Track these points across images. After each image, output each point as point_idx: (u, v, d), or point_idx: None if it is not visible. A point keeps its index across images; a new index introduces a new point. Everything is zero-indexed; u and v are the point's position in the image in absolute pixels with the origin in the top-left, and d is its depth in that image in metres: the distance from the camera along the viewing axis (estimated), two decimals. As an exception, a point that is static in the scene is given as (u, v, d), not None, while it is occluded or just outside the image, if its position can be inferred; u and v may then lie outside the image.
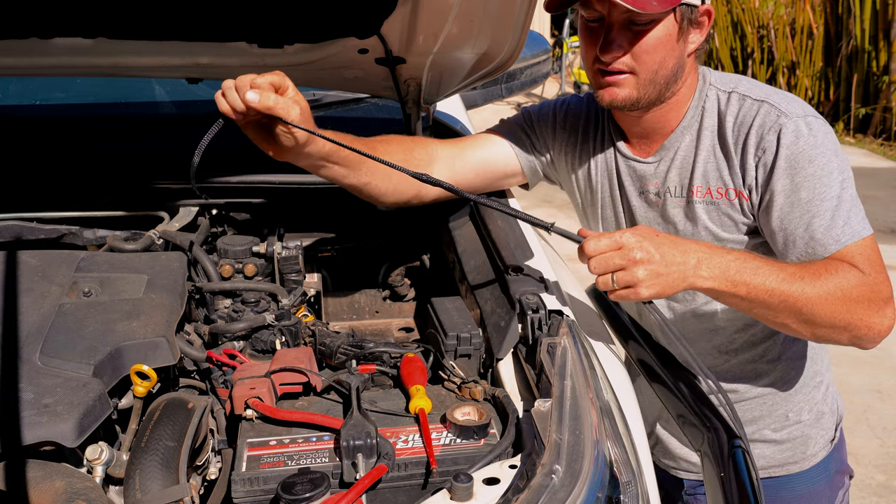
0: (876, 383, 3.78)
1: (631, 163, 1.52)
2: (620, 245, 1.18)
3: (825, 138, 1.35)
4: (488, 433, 1.16)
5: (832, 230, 1.32)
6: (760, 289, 1.23)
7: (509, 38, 1.66)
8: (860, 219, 1.34)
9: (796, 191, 1.33)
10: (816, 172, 1.33)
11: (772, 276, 1.24)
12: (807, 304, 1.25)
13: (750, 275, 1.23)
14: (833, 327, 1.28)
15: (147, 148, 2.06)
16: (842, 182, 1.33)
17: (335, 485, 1.07)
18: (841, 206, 1.32)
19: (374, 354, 1.38)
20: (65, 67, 1.89)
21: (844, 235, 1.32)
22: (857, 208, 1.34)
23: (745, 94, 1.41)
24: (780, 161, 1.34)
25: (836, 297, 1.26)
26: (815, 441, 1.61)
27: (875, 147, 8.36)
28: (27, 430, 1.01)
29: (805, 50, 9.50)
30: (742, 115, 1.39)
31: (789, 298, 1.24)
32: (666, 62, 1.36)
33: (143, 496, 1.01)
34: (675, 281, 1.20)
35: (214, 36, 1.74)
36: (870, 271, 1.30)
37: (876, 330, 1.29)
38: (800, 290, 1.24)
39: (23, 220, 1.75)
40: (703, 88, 1.45)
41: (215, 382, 1.36)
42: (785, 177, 1.34)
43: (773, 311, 1.27)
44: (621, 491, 1.05)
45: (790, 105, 1.37)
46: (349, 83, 2.06)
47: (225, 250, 1.67)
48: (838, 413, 1.68)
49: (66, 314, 1.28)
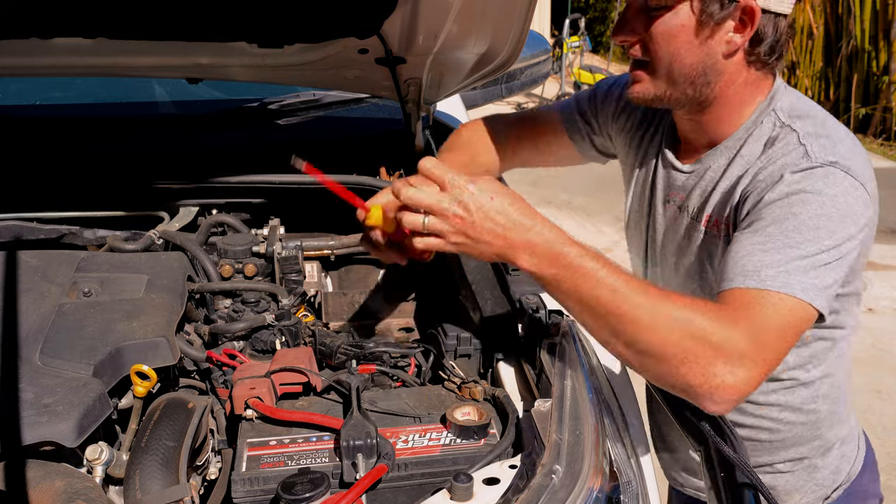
0: (876, 383, 3.78)
1: (668, 167, 1.42)
2: (449, 187, 1.05)
3: (841, 196, 1.13)
4: (488, 433, 1.16)
5: (764, 268, 1.09)
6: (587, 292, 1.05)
7: (509, 39, 1.65)
8: (810, 286, 1.08)
9: (770, 223, 1.14)
10: (804, 216, 1.12)
11: (608, 278, 1.04)
12: (634, 321, 1.04)
13: (580, 277, 1.04)
14: (661, 359, 1.04)
15: (147, 148, 2.06)
16: (825, 246, 1.10)
17: (335, 485, 1.07)
18: (802, 261, 1.09)
19: (374, 354, 1.38)
20: (65, 67, 1.89)
21: (773, 280, 1.07)
22: (821, 279, 1.09)
23: (798, 129, 1.21)
24: (776, 193, 1.16)
25: (675, 325, 1.03)
26: (801, 492, 1.47)
27: (875, 147, 8.36)
28: (27, 430, 1.01)
29: (805, 50, 9.50)
30: (775, 151, 1.22)
31: (619, 308, 1.04)
32: (681, 56, 1.23)
33: (143, 496, 1.01)
34: (485, 255, 1.08)
35: (214, 36, 1.74)
36: (745, 326, 1.04)
37: (715, 383, 1.01)
38: (633, 302, 1.03)
39: (23, 220, 1.75)
40: (764, 111, 1.27)
41: (215, 382, 1.36)
42: (771, 208, 1.15)
43: (596, 321, 1.07)
44: (621, 491, 1.05)
45: (827, 153, 1.17)
46: (349, 83, 2.06)
47: (225, 250, 1.67)
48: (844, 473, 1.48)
49: (66, 314, 1.28)
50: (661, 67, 1.26)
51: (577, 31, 10.02)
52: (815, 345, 1.35)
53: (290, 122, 2.25)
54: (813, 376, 1.37)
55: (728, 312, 1.07)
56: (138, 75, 2.07)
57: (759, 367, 1.03)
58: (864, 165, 1.20)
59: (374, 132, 2.24)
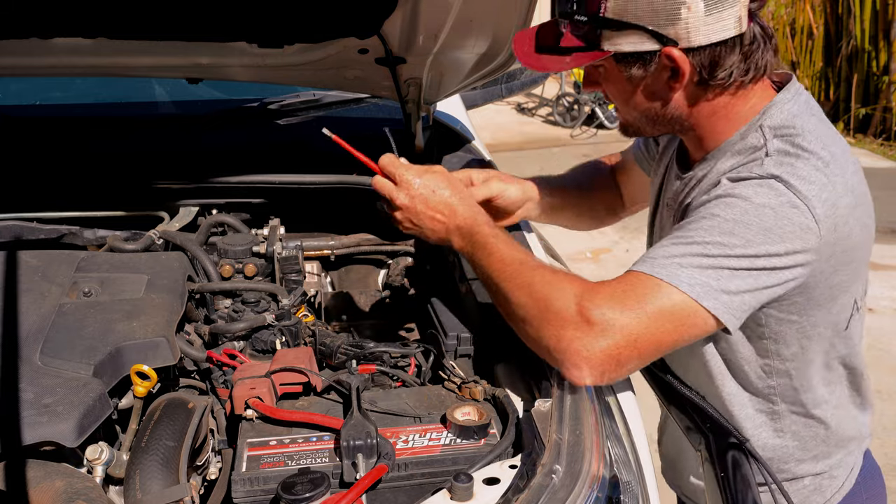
0: (876, 383, 3.77)
1: (672, 176, 1.39)
2: (399, 182, 1.29)
3: (769, 209, 1.08)
4: (488, 433, 1.16)
5: (661, 257, 1.10)
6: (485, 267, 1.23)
7: (509, 39, 1.65)
8: (699, 283, 1.06)
9: (690, 220, 1.13)
10: (720, 218, 1.09)
11: (499, 253, 1.21)
12: (513, 287, 1.17)
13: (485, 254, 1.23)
14: (526, 321, 1.15)
15: (147, 148, 2.06)
16: (735, 253, 1.07)
17: (335, 485, 1.07)
18: (701, 258, 1.07)
19: (374, 354, 1.38)
20: (65, 67, 1.89)
21: (662, 269, 1.08)
22: (720, 282, 1.07)
23: (771, 145, 1.16)
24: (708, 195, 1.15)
25: (544, 290, 1.12)
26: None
27: (875, 147, 8.36)
28: (27, 430, 1.01)
29: (805, 50, 9.50)
30: (741, 162, 1.19)
31: (503, 275, 1.19)
32: (634, 104, 1.22)
33: (144, 496, 1.01)
34: (431, 239, 1.31)
35: (214, 36, 1.74)
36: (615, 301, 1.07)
37: (564, 346, 1.08)
38: (513, 271, 1.18)
39: (23, 220, 1.75)
40: (752, 126, 1.20)
41: (215, 382, 1.36)
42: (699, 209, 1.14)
43: (489, 288, 1.24)
44: (621, 491, 1.05)
45: (778, 167, 1.12)
46: (349, 83, 2.06)
47: (225, 250, 1.67)
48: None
49: (67, 314, 1.28)
50: (623, 111, 1.28)
51: (576, 32, 9.96)
52: (775, 379, 1.27)
53: (290, 122, 2.25)
54: (779, 409, 1.30)
55: (605, 287, 1.11)
56: (138, 75, 2.07)
57: (616, 340, 1.07)
58: (826, 191, 1.10)
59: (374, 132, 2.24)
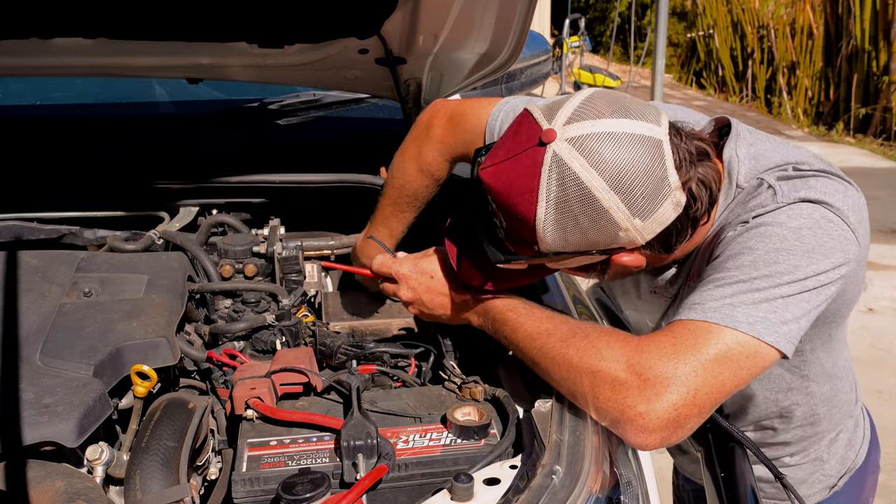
0: (876, 383, 3.78)
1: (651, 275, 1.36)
2: (398, 279, 1.34)
3: (807, 229, 1.07)
4: (489, 433, 1.16)
5: (710, 301, 1.05)
6: (513, 343, 1.19)
7: (509, 39, 1.66)
8: (758, 320, 1.02)
9: (726, 259, 1.09)
10: (760, 250, 1.06)
11: (523, 328, 1.16)
12: (544, 366, 1.12)
13: (509, 330, 1.19)
14: (576, 395, 1.09)
15: (147, 148, 2.06)
16: (783, 281, 1.04)
17: (335, 485, 1.07)
18: (752, 294, 1.03)
19: (374, 354, 1.38)
20: (65, 67, 1.90)
21: (715, 312, 1.03)
22: (777, 313, 1.03)
23: (765, 177, 1.15)
24: (737, 231, 1.12)
25: (584, 359, 1.06)
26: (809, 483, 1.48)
27: (875, 147, 8.36)
28: (27, 430, 1.01)
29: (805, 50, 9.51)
30: (748, 201, 1.16)
31: (529, 357, 1.15)
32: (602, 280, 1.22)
33: (144, 496, 1.01)
34: (443, 320, 1.33)
35: (214, 36, 1.74)
36: (671, 355, 1.00)
37: (630, 414, 1.00)
38: (538, 350, 1.13)
39: (23, 220, 1.75)
40: (729, 194, 1.18)
41: (216, 382, 1.36)
42: (731, 245, 1.11)
43: (527, 362, 1.18)
44: (621, 491, 1.05)
45: (797, 190, 1.11)
46: (349, 83, 2.06)
47: (225, 250, 1.67)
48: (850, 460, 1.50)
49: (67, 314, 1.28)
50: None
51: (577, 31, 10.02)
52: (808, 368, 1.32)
53: (290, 122, 2.25)
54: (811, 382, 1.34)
55: (653, 341, 1.04)
56: (138, 75, 2.07)
57: (682, 395, 0.98)
58: (847, 196, 1.11)
59: (374, 132, 2.24)
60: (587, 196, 1.01)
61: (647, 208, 1.03)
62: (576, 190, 1.01)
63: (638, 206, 1.02)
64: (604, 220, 1.03)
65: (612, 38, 9.82)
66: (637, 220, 1.03)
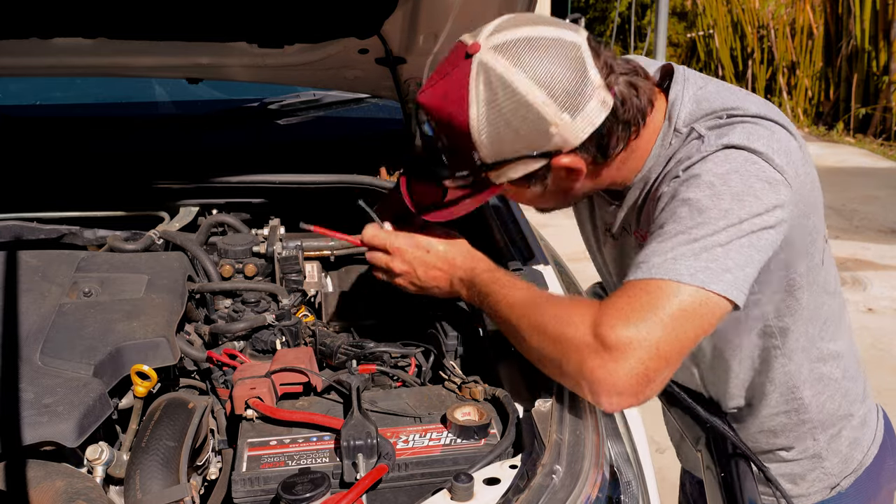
0: (876, 383, 3.77)
1: (601, 204, 1.42)
2: (392, 251, 1.30)
3: (734, 174, 1.09)
4: (489, 433, 1.16)
5: (653, 257, 1.07)
6: (497, 314, 1.19)
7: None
8: (700, 269, 1.04)
9: (667, 215, 1.12)
10: (693, 200, 1.09)
11: (506, 299, 1.17)
12: (521, 335, 1.14)
13: (493, 301, 1.20)
14: (546, 360, 1.11)
15: (147, 148, 2.06)
16: (719, 227, 1.06)
17: (335, 485, 1.07)
18: (691, 245, 1.06)
19: (374, 354, 1.38)
20: (65, 67, 1.90)
21: (658, 269, 1.05)
22: (718, 262, 1.05)
23: (697, 127, 1.18)
24: (669, 187, 1.15)
25: (551, 325, 1.09)
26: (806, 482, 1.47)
27: (875, 147, 8.36)
28: (27, 429, 1.01)
29: (805, 50, 9.51)
30: (678, 153, 1.19)
31: (510, 326, 1.16)
32: (545, 201, 1.27)
33: (144, 496, 1.01)
34: (437, 296, 1.32)
35: (214, 36, 1.74)
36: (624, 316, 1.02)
37: (593, 377, 1.02)
38: (521, 313, 1.14)
39: (23, 220, 1.75)
40: (667, 133, 1.22)
41: (215, 382, 1.36)
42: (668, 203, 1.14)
43: (507, 332, 1.19)
44: (621, 491, 1.05)
45: (721, 137, 1.14)
46: (349, 83, 2.06)
47: (225, 250, 1.67)
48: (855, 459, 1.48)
49: (67, 314, 1.28)
50: (537, 206, 1.31)
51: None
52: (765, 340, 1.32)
53: (290, 122, 2.25)
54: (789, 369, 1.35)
55: (611, 305, 1.06)
56: (138, 75, 2.08)
57: (639, 357, 1.01)
58: (773, 140, 1.13)
59: (374, 132, 2.24)
60: (513, 92, 1.07)
61: (573, 104, 1.09)
62: (502, 88, 1.08)
63: (562, 101, 1.08)
64: (532, 116, 1.08)
65: (612, 38, 9.81)
66: (566, 115, 1.09)
